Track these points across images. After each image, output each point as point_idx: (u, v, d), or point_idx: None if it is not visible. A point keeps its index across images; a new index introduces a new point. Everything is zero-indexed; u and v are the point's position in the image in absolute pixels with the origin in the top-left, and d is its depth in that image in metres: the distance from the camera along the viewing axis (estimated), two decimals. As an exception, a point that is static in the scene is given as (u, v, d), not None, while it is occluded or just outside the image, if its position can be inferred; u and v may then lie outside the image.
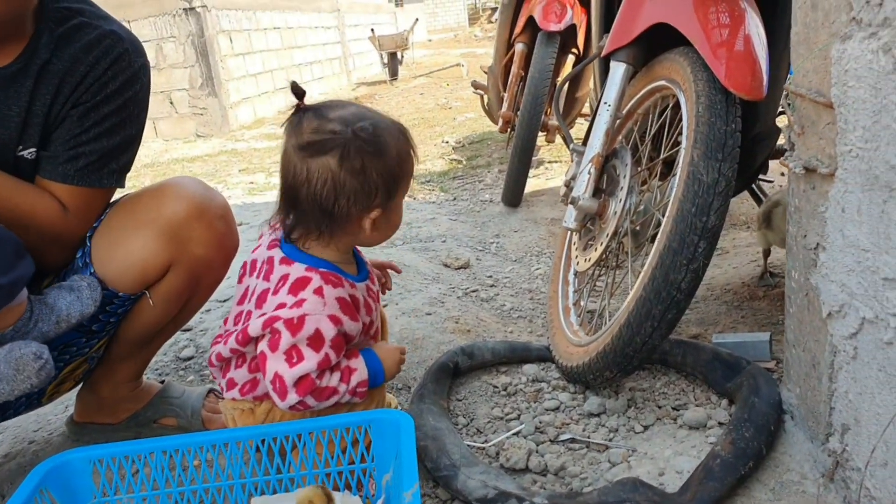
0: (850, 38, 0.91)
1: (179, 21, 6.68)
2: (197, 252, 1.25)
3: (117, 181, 1.24)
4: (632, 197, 1.51)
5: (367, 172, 1.02)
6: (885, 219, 0.85)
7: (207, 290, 1.38)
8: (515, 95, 3.39)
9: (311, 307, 1.02)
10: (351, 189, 1.02)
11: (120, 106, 1.19)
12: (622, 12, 1.59)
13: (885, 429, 0.89)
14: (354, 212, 1.05)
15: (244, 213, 3.63)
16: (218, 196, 1.31)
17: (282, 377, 1.02)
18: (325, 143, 1.01)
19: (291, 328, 1.01)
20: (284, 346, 1.02)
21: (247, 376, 1.12)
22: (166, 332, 1.39)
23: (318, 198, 1.03)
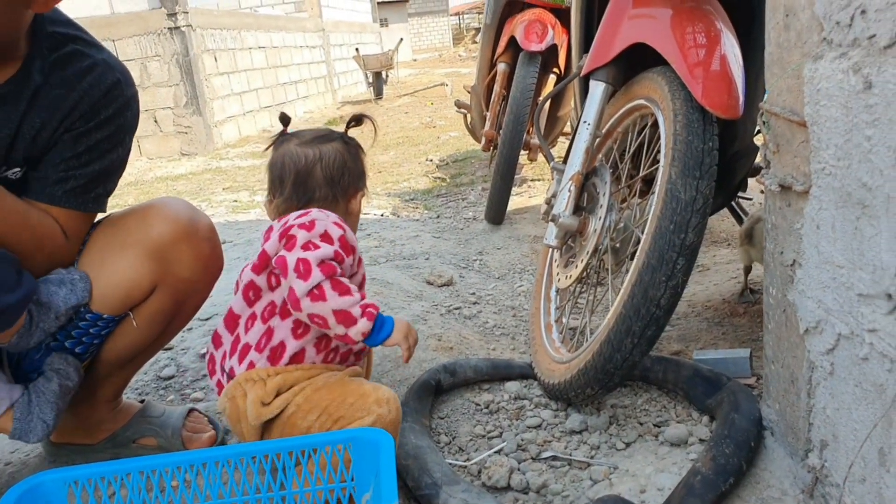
0: (822, 57, 0.93)
1: (164, 40, 6.68)
2: (182, 274, 1.25)
3: (101, 205, 1.24)
4: (611, 214, 1.52)
5: (357, 160, 1.33)
6: (858, 236, 0.86)
7: (191, 311, 1.37)
8: (498, 114, 3.42)
9: (318, 216, 1.18)
10: (352, 167, 1.30)
11: (111, 133, 1.19)
12: (601, 32, 1.61)
13: (862, 444, 0.89)
14: (351, 187, 1.30)
15: (228, 231, 3.61)
16: (204, 217, 1.30)
17: (306, 259, 1.10)
18: (330, 136, 1.31)
19: (305, 228, 1.14)
20: (301, 242, 1.13)
21: (261, 329, 1.17)
22: (148, 352, 1.38)
23: (330, 169, 1.26)
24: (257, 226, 3.67)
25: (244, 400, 1.15)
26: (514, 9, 3.20)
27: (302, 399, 1.14)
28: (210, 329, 2.05)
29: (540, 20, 3.02)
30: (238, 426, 1.18)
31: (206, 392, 1.69)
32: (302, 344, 1.18)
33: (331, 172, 1.27)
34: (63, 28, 1.18)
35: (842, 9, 0.86)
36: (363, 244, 3.00)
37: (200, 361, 1.85)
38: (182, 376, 1.79)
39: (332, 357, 1.22)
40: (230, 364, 1.19)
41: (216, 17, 7.59)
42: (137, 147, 7.06)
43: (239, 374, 1.17)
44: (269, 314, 1.18)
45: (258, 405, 1.14)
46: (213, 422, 1.46)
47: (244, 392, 1.15)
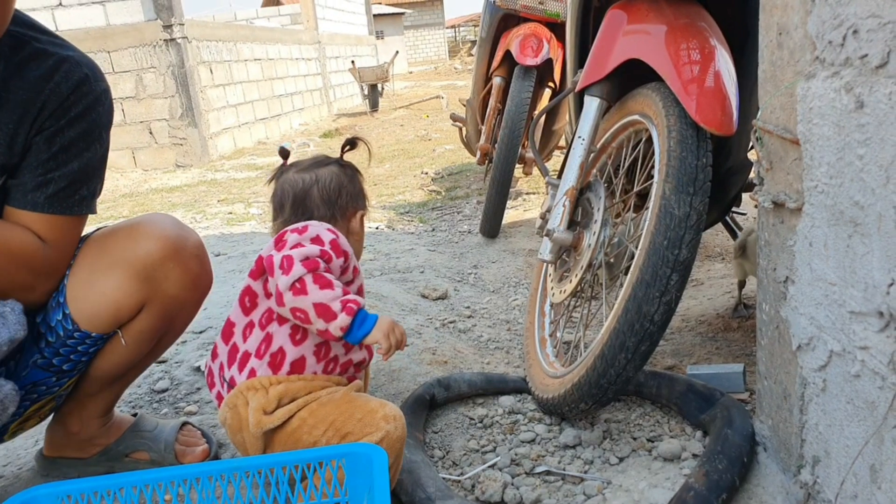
0: (815, 76, 0.94)
1: (160, 52, 6.70)
2: (171, 292, 1.24)
3: (88, 207, 1.21)
4: (605, 229, 1.52)
5: (354, 181, 1.36)
6: (850, 253, 0.87)
7: (181, 328, 1.37)
8: (493, 128, 3.44)
9: (312, 223, 1.22)
10: (348, 187, 1.34)
11: (84, 130, 1.17)
12: (596, 48, 1.63)
13: (854, 461, 0.89)
14: (350, 206, 1.34)
15: (223, 243, 3.61)
16: (192, 235, 1.29)
17: (290, 256, 1.11)
18: (326, 160, 1.36)
19: (297, 232, 1.17)
20: (291, 243, 1.15)
21: (260, 336, 1.18)
22: (137, 368, 1.37)
23: (327, 191, 1.31)
24: (252, 238, 3.67)
25: (246, 408, 1.15)
26: (509, 23, 3.23)
27: (307, 413, 1.14)
28: (204, 342, 2.05)
29: (535, 34, 3.05)
30: (239, 436, 1.17)
31: (200, 405, 1.68)
32: (301, 351, 1.17)
33: (328, 193, 1.31)
34: (22, 28, 1.14)
35: (834, 28, 0.87)
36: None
37: (195, 374, 1.84)
38: (176, 389, 1.78)
39: (332, 367, 1.22)
40: (230, 374, 1.18)
41: (212, 29, 7.62)
42: (132, 158, 7.06)
43: (240, 382, 1.16)
44: (266, 321, 1.18)
45: (260, 413, 1.13)
46: (207, 435, 1.45)
47: (246, 400, 1.15)
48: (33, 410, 1.27)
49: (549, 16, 3.10)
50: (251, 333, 1.19)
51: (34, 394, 1.23)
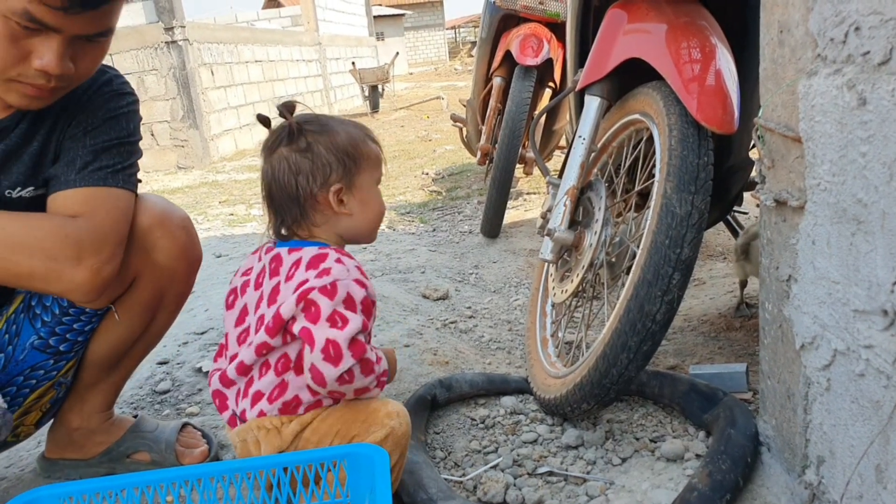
0: (816, 74, 0.93)
1: (161, 54, 6.71)
2: (160, 261, 1.26)
3: (124, 181, 1.18)
4: (607, 229, 1.52)
5: (313, 149, 1.12)
6: (853, 251, 0.86)
7: (173, 305, 1.37)
8: (493, 128, 3.43)
9: (339, 273, 1.07)
10: (305, 168, 1.11)
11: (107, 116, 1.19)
12: (596, 47, 1.62)
13: (859, 461, 0.89)
14: (315, 189, 1.12)
15: (224, 245, 3.61)
16: (179, 209, 1.33)
17: (335, 341, 1.03)
18: (277, 138, 1.14)
19: (327, 294, 1.05)
20: (326, 313, 1.04)
21: (275, 381, 1.10)
22: (135, 353, 1.37)
23: (283, 186, 1.12)
24: (253, 239, 3.67)
25: (256, 445, 1.12)
26: (509, 23, 3.22)
27: (310, 433, 1.12)
28: (206, 343, 2.05)
29: (535, 34, 3.05)
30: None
31: (202, 406, 1.68)
32: (318, 397, 1.13)
33: (285, 188, 1.12)
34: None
35: (836, 25, 0.87)
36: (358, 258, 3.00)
37: (196, 375, 1.84)
38: (177, 390, 1.77)
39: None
40: (242, 406, 1.13)
41: (213, 32, 7.63)
42: (133, 160, 7.06)
43: (250, 418, 1.12)
44: (283, 368, 1.10)
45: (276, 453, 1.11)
46: (208, 436, 1.45)
47: (257, 440, 1.12)
48: (32, 400, 1.27)
49: (549, 16, 3.10)
50: (265, 374, 1.11)
51: (32, 379, 1.24)
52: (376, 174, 1.20)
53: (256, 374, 1.12)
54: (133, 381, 1.82)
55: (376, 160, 1.19)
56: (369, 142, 1.19)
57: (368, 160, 1.17)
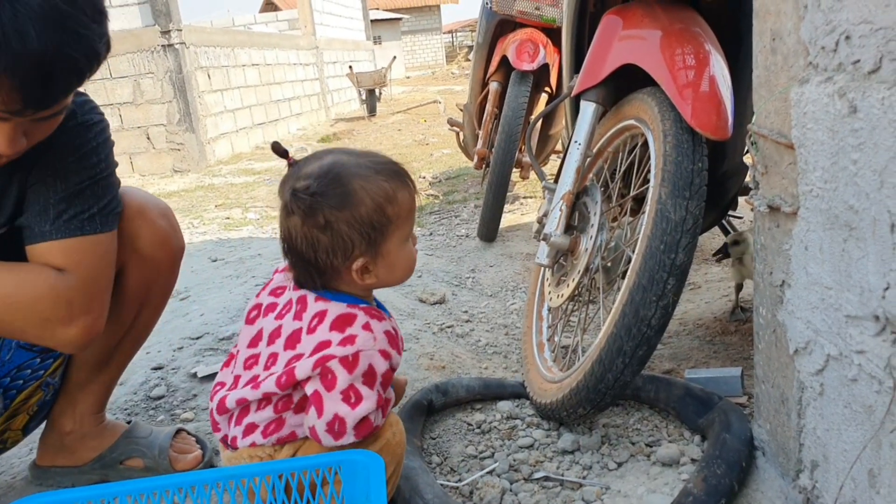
0: (808, 81, 0.94)
1: (157, 57, 6.70)
2: (142, 250, 1.26)
3: (102, 225, 1.15)
4: (602, 234, 1.52)
5: (333, 227, 1.00)
6: (845, 257, 0.87)
7: (159, 298, 1.37)
8: (490, 133, 3.44)
9: (364, 343, 1.01)
10: (324, 244, 1.02)
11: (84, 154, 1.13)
12: (591, 53, 1.63)
13: (852, 466, 0.89)
14: (338, 264, 1.03)
15: (220, 249, 3.61)
16: (158, 199, 1.34)
17: (343, 419, 1.00)
18: (290, 204, 1.02)
19: (347, 366, 1.00)
20: (342, 386, 0.99)
21: (271, 416, 1.07)
22: (124, 350, 1.36)
23: (301, 253, 1.04)
24: (249, 243, 3.66)
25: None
26: (505, 28, 3.23)
27: (302, 453, 1.09)
28: (201, 348, 2.04)
29: (532, 40, 3.05)
30: None
31: (197, 412, 1.68)
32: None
33: (302, 255, 1.04)
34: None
35: (827, 34, 0.87)
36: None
37: (191, 381, 1.84)
38: (172, 396, 1.77)
39: None
40: (234, 432, 1.09)
41: (210, 35, 7.63)
42: (129, 163, 7.06)
43: (241, 447, 1.09)
44: (283, 407, 1.06)
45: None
46: (202, 441, 1.45)
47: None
48: (20, 402, 1.27)
49: (546, 21, 3.11)
50: (263, 409, 1.07)
51: (19, 380, 1.23)
52: (406, 229, 1.08)
53: (254, 407, 1.08)
54: (127, 386, 1.82)
55: (408, 213, 1.07)
56: (400, 193, 1.05)
57: (398, 221, 1.04)
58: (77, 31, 0.90)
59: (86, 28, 0.91)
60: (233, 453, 1.11)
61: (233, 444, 1.10)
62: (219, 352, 2.01)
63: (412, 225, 1.10)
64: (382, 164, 1.07)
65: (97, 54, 0.96)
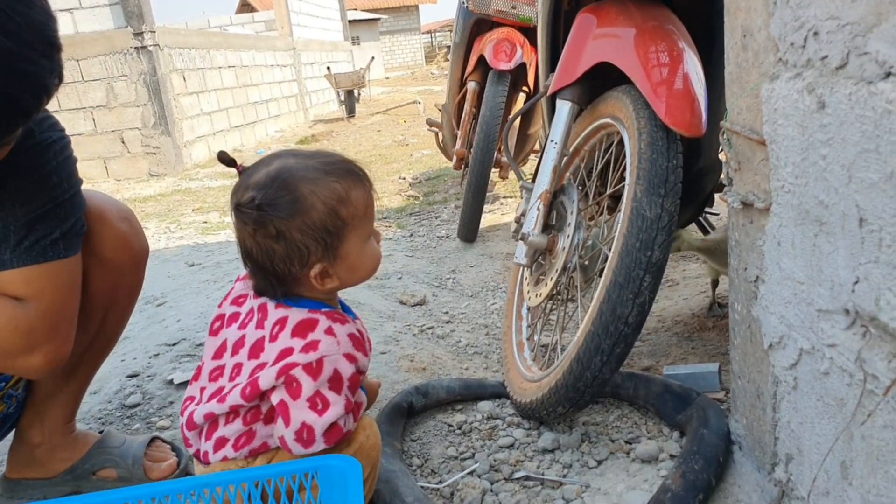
0: (778, 78, 0.94)
1: (131, 60, 6.62)
2: (103, 255, 1.23)
3: (67, 248, 1.11)
4: (579, 232, 1.52)
5: (286, 236, 0.98)
6: (816, 252, 0.88)
7: (125, 302, 1.34)
8: (469, 133, 3.44)
9: (327, 348, 0.99)
10: (280, 254, 1.00)
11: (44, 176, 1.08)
12: (566, 52, 1.63)
13: (825, 458, 0.90)
14: (296, 271, 1.01)
15: (197, 253, 3.57)
16: (118, 202, 1.30)
17: (311, 427, 0.98)
18: (242, 217, 1.00)
19: (311, 372, 0.98)
20: (308, 393, 0.98)
21: (241, 429, 1.05)
22: (90, 358, 1.34)
23: (258, 262, 1.02)
24: (227, 247, 3.63)
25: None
26: (482, 27, 3.23)
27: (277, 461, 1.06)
28: (178, 355, 2.02)
29: (508, 39, 3.06)
30: None
31: (173, 419, 1.66)
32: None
33: (259, 263, 1.02)
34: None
35: (795, 30, 0.88)
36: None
37: (167, 388, 1.82)
38: (148, 404, 1.75)
39: None
40: (205, 447, 1.07)
41: (184, 37, 7.55)
42: (104, 168, 6.97)
43: (213, 461, 1.07)
44: (252, 418, 1.05)
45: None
46: (177, 449, 1.43)
47: None
48: None
49: (522, 20, 3.11)
50: (232, 422, 1.05)
51: None
52: (366, 229, 1.05)
53: (222, 420, 1.06)
54: (101, 395, 1.79)
55: (365, 212, 1.04)
56: (353, 193, 1.02)
57: (354, 221, 1.02)
58: (24, 70, 0.86)
59: (34, 64, 0.87)
60: (205, 468, 1.09)
61: (204, 460, 1.08)
62: (195, 358, 1.99)
63: (371, 223, 1.07)
64: (333, 163, 1.03)
65: (46, 89, 0.91)
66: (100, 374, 1.86)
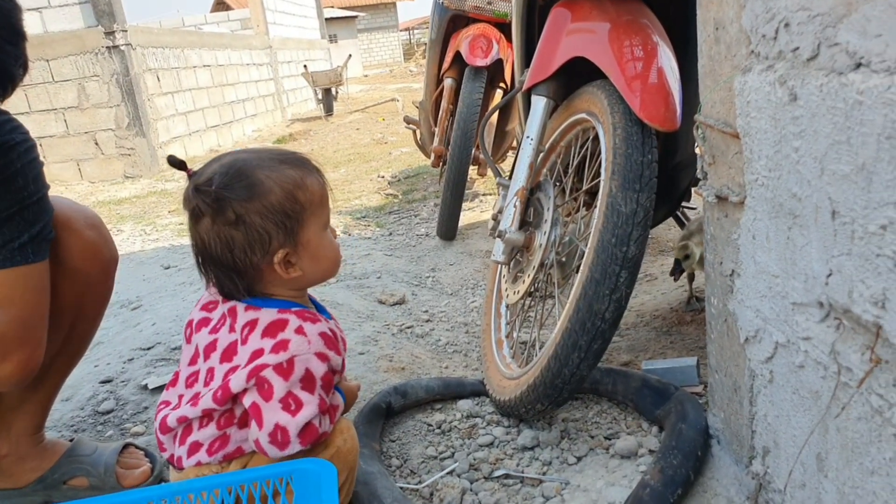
0: (750, 70, 0.94)
1: (102, 60, 6.52)
2: (70, 263, 1.20)
3: (35, 254, 1.08)
4: (556, 229, 1.52)
5: (245, 221, 0.97)
6: (790, 245, 0.87)
7: (93, 312, 1.31)
8: (446, 130, 3.42)
9: (297, 347, 0.98)
10: (240, 241, 0.98)
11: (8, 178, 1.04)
12: (541, 47, 1.62)
13: (801, 451, 0.90)
14: (258, 260, 0.99)
15: (173, 255, 3.52)
16: (86, 208, 1.27)
17: (285, 428, 0.97)
18: (197, 206, 0.98)
19: (282, 373, 0.96)
20: (280, 394, 0.96)
21: (215, 433, 1.03)
22: (58, 368, 1.30)
23: (217, 259, 1.00)
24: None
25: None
26: (458, 24, 3.21)
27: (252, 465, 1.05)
28: (152, 359, 1.98)
29: (485, 35, 3.04)
30: None
31: (148, 425, 1.63)
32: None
33: (219, 261, 1.00)
34: None
35: (767, 22, 0.88)
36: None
37: (142, 393, 1.78)
38: (122, 409, 1.71)
39: None
40: (179, 452, 1.05)
41: (157, 36, 7.45)
42: (78, 170, 6.86)
43: (187, 466, 1.05)
44: (225, 423, 1.03)
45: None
46: (151, 455, 1.40)
47: None
48: None
49: (498, 16, 3.10)
50: (205, 426, 1.03)
51: None
52: (323, 217, 1.05)
53: (196, 425, 1.04)
54: (73, 402, 1.75)
55: (321, 200, 1.04)
56: (308, 180, 1.02)
57: (312, 207, 1.02)
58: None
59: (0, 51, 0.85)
60: (179, 474, 1.07)
61: (178, 465, 1.06)
62: (171, 361, 1.95)
63: (328, 213, 1.06)
64: (286, 154, 1.05)
65: (11, 77, 0.89)
66: (72, 380, 1.83)
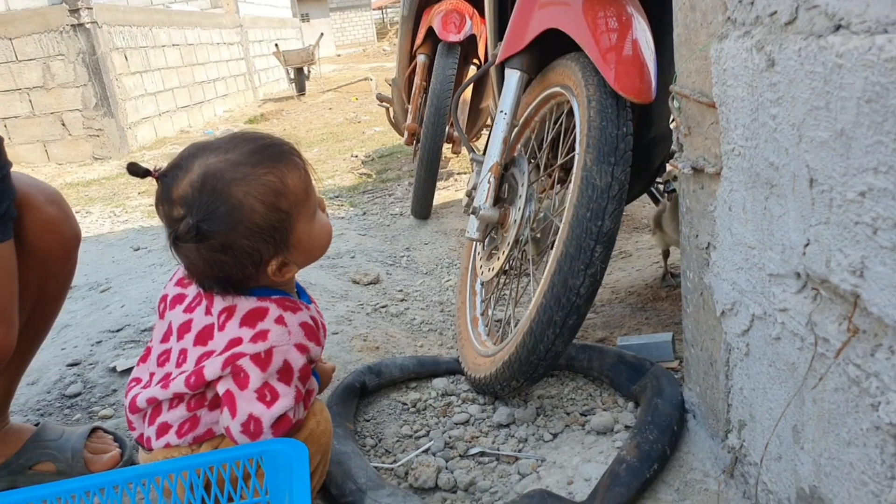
0: (727, 37, 0.92)
1: (67, 38, 6.33)
2: (29, 242, 1.15)
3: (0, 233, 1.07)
4: (531, 205, 1.50)
5: (233, 247, 0.91)
6: (767, 216, 0.86)
7: (55, 292, 1.27)
8: (419, 107, 3.38)
9: (277, 338, 0.95)
10: (230, 263, 0.93)
11: None
12: (514, 19, 1.59)
13: (777, 423, 0.90)
14: (251, 272, 0.95)
15: (142, 237, 3.45)
16: (46, 184, 1.22)
17: (259, 419, 0.94)
18: (176, 233, 0.91)
19: (260, 363, 0.93)
20: (256, 384, 0.94)
21: (185, 415, 1.00)
22: (19, 352, 1.24)
23: (208, 277, 0.96)
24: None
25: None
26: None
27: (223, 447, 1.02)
28: (121, 341, 1.94)
29: (457, 10, 3.00)
30: None
31: (116, 408, 1.59)
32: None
33: (209, 278, 0.96)
34: None
35: (743, -12, 0.86)
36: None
37: (110, 375, 1.74)
38: (90, 393, 1.67)
39: None
40: (148, 433, 1.02)
41: (124, 14, 7.25)
42: (45, 151, 6.68)
43: (156, 448, 1.01)
44: (196, 404, 1.00)
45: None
46: (120, 439, 1.36)
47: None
48: None
49: (471, -9, 3.06)
50: (175, 407, 1.00)
51: None
52: (310, 208, 0.99)
53: (165, 406, 1.01)
54: (40, 385, 1.71)
55: (305, 193, 0.97)
56: (289, 178, 0.94)
57: (298, 207, 0.95)
58: None
59: None
60: (148, 455, 1.04)
61: (147, 445, 1.03)
62: (140, 343, 1.91)
63: (314, 199, 1.01)
64: (256, 151, 0.94)
65: None
66: (38, 363, 1.78)
